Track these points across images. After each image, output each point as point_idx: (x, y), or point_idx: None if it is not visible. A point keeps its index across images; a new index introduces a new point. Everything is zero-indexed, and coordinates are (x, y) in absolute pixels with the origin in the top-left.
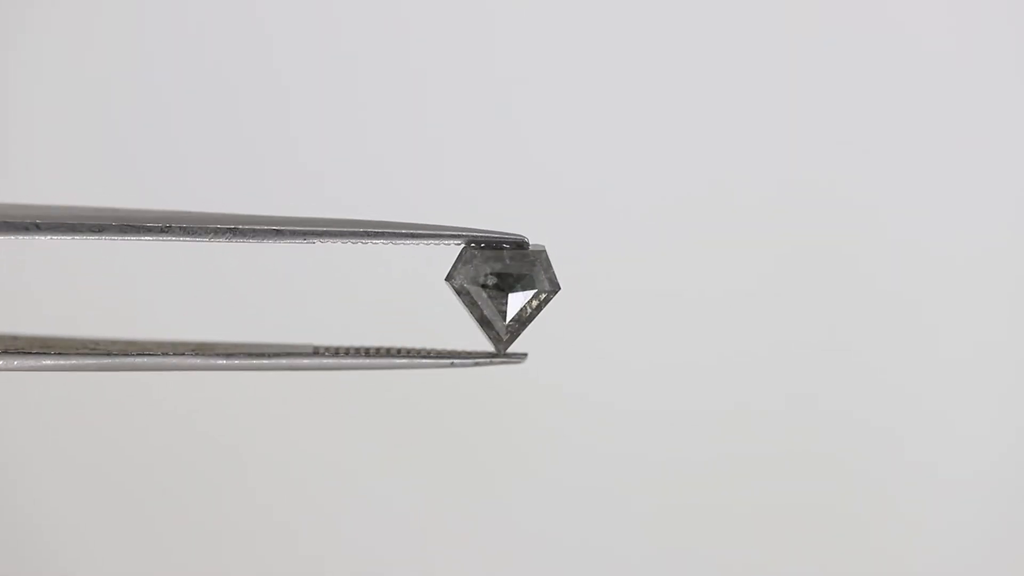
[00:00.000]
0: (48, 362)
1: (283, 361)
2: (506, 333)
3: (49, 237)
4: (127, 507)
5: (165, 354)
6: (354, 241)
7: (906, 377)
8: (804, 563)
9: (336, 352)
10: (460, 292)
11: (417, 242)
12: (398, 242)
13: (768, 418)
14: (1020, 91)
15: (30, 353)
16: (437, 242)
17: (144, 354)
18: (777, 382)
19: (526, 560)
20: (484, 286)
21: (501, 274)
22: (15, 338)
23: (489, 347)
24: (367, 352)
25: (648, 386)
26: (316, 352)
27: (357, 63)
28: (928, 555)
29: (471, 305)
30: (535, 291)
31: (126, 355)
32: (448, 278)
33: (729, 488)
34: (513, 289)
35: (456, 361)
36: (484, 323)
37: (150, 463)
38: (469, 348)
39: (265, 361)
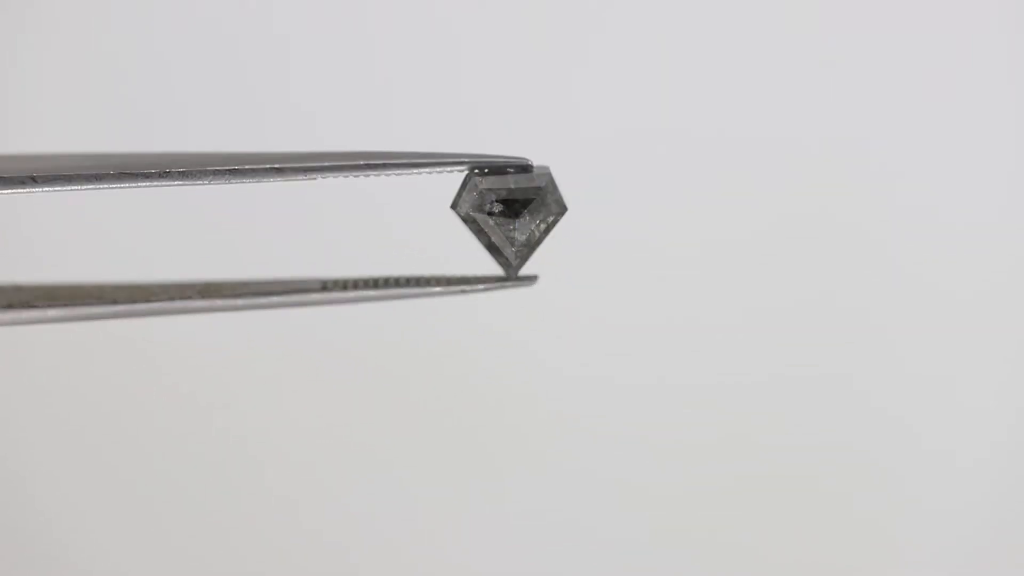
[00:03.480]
0: (53, 313)
1: (292, 298)
2: (516, 259)
3: (45, 190)
4: (127, 488)
5: (172, 299)
6: (355, 174)
7: (915, 352)
8: (808, 543)
9: (344, 286)
10: (466, 220)
11: (419, 171)
12: (399, 172)
13: (769, 385)
14: None
15: (35, 305)
16: (439, 170)
17: (151, 300)
18: (781, 350)
19: (523, 534)
20: (490, 213)
21: (507, 200)
22: (19, 288)
23: (499, 271)
24: (375, 283)
25: (648, 364)
26: (324, 287)
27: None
28: (934, 539)
29: (478, 232)
30: (542, 214)
31: (132, 302)
32: (453, 206)
33: (728, 465)
34: (520, 214)
35: (467, 287)
36: (493, 250)
37: (150, 438)
38: (478, 274)
39: (274, 299)
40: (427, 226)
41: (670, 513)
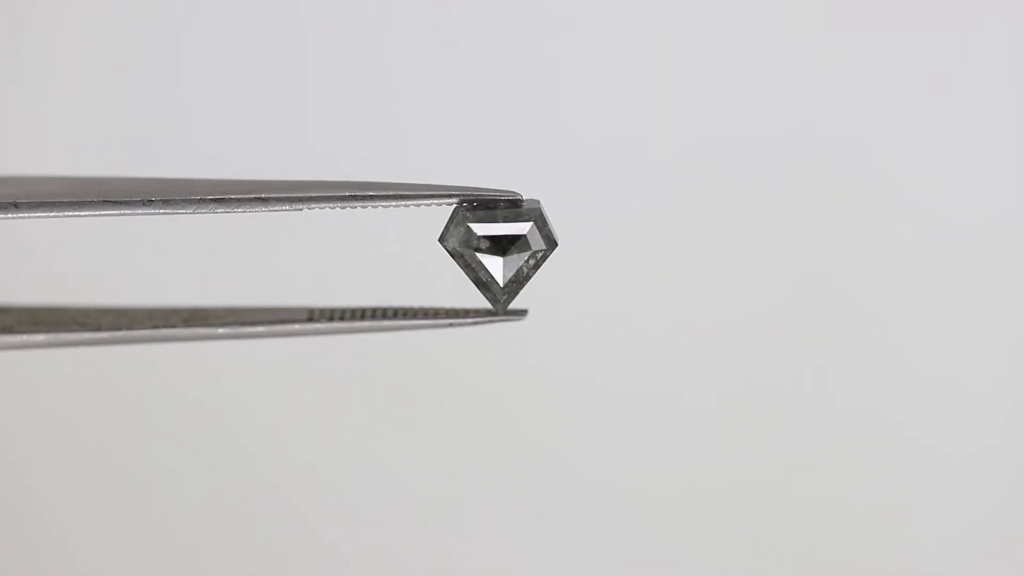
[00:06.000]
0: (39, 338)
1: (277, 328)
2: (504, 294)
3: (27, 216)
4: (130, 487)
5: (156, 327)
6: (342, 206)
7: (914, 350)
8: (810, 541)
9: (331, 316)
10: (454, 255)
11: (407, 203)
12: (387, 204)
13: (770, 392)
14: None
15: (18, 331)
16: (428, 203)
17: (135, 327)
18: (778, 357)
19: (529, 531)
20: (478, 249)
21: (495, 236)
22: (4, 311)
23: (487, 305)
24: (362, 314)
25: (647, 362)
26: (311, 317)
27: (336, 12)
28: (931, 534)
29: (466, 267)
30: (531, 250)
31: (117, 329)
32: (441, 239)
33: (728, 462)
34: (509, 250)
35: (455, 321)
36: (480, 284)
37: (151, 441)
38: (467, 306)
39: (260, 328)
40: (416, 256)
41: (669, 507)
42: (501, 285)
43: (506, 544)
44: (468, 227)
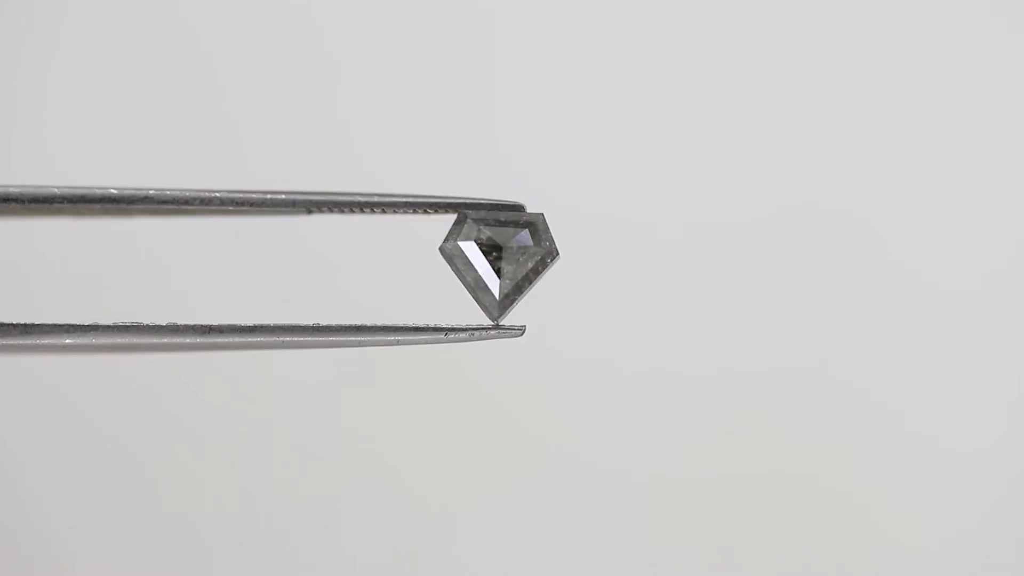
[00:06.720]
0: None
1: (276, 339)
2: (501, 300)
3: (30, 210)
4: (134, 490)
5: (154, 334)
6: (348, 211)
7: (909, 348)
8: (810, 534)
9: (329, 329)
10: (453, 256)
11: (411, 212)
12: (393, 211)
13: (770, 388)
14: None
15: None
16: (431, 211)
17: (132, 335)
18: (779, 351)
19: (530, 533)
20: (478, 243)
21: (496, 238)
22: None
23: (485, 320)
24: (359, 328)
25: (648, 357)
26: (307, 328)
27: (344, 28)
28: (931, 531)
29: (465, 268)
30: (532, 257)
31: (115, 334)
32: (441, 247)
33: (729, 459)
34: (508, 255)
35: (451, 334)
36: (478, 290)
37: (161, 442)
38: (465, 321)
39: (257, 339)
40: (417, 270)
41: (670, 507)
42: (499, 290)
43: (507, 545)
44: (469, 235)
